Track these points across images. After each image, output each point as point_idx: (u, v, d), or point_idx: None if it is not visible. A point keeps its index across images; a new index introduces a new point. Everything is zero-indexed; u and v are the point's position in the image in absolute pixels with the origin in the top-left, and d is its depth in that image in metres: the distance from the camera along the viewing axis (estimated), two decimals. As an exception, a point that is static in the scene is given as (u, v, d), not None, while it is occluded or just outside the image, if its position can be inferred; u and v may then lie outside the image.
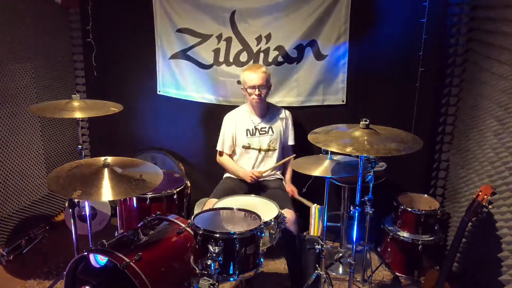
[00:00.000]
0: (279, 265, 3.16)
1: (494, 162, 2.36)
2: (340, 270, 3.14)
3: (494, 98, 2.48)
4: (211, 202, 2.83)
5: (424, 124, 3.22)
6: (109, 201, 3.56)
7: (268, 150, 3.05)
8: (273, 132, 3.05)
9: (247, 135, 3.04)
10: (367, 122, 2.16)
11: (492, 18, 2.65)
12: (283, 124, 3.09)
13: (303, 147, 3.08)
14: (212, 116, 3.48)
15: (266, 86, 2.94)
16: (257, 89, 2.89)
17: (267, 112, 3.08)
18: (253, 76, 2.89)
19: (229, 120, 3.11)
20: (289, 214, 2.69)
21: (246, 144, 3.04)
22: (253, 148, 3.05)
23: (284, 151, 3.13)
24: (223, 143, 3.12)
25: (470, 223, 2.34)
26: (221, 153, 3.16)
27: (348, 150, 2.03)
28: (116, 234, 2.80)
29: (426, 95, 3.17)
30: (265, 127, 3.05)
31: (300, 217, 2.91)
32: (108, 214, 3.62)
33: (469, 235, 2.58)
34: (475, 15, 2.94)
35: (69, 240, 2.48)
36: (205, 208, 2.79)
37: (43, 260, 3.13)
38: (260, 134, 3.04)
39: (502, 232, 2.15)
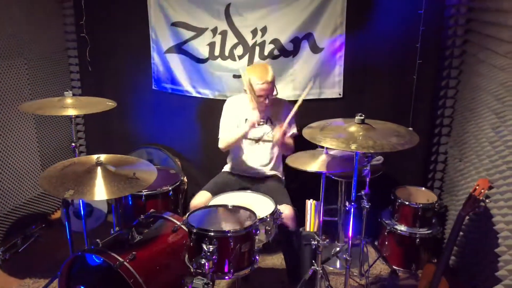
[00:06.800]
0: (276, 261, 3.15)
1: (492, 155, 2.34)
2: (338, 264, 3.13)
3: (492, 90, 2.45)
4: (202, 195, 2.81)
5: (422, 116, 3.20)
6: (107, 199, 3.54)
7: (264, 141, 3.00)
8: (271, 123, 3.00)
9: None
10: (362, 117, 2.13)
11: (490, 9, 2.61)
12: (280, 115, 3.01)
13: (298, 142, 3.05)
14: (208, 110, 3.45)
15: (273, 91, 2.86)
16: (267, 98, 2.81)
17: None
18: (263, 85, 2.76)
19: (229, 106, 3.04)
20: (287, 209, 2.67)
21: None
22: (249, 139, 2.99)
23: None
24: (224, 129, 3.00)
25: (467, 217, 2.32)
26: (221, 141, 3.01)
27: (354, 147, 1.99)
28: (111, 231, 2.78)
29: (424, 87, 3.14)
30: (263, 118, 2.97)
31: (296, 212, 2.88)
32: (105, 211, 3.61)
33: (467, 229, 2.57)
34: (473, 6, 2.90)
35: (66, 238, 2.47)
36: (195, 201, 2.80)
37: (39, 259, 3.12)
38: (258, 124, 2.98)
39: (499, 227, 2.13)
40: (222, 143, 2.99)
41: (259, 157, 3.01)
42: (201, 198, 2.79)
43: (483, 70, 2.63)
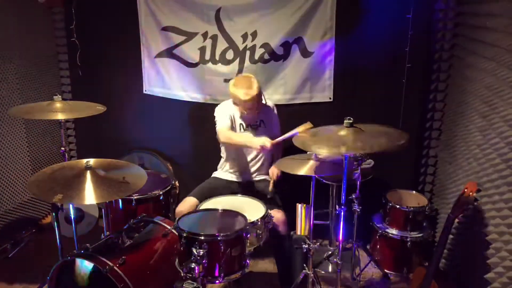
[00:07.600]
0: (268, 265, 3.14)
1: (479, 158, 2.36)
2: (330, 268, 3.13)
3: (479, 94, 2.47)
4: (188, 201, 2.80)
5: (411, 119, 3.22)
6: (97, 203, 3.52)
7: None
8: (265, 126, 2.99)
9: (240, 129, 2.98)
10: (350, 121, 2.15)
11: (477, 13, 2.64)
12: (270, 116, 3.04)
13: (288, 146, 3.05)
14: (199, 115, 3.45)
15: (261, 101, 2.86)
16: (255, 109, 2.83)
17: None
18: (250, 102, 2.76)
19: (223, 108, 3.00)
20: (278, 214, 2.67)
21: None
22: None
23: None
24: (223, 120, 2.89)
25: (457, 220, 2.34)
26: (222, 131, 2.88)
27: (343, 150, 2.01)
28: (102, 236, 2.77)
29: (413, 91, 3.17)
30: (257, 121, 2.99)
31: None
32: (96, 216, 3.58)
33: (456, 231, 2.58)
34: (460, 10, 2.93)
35: (56, 242, 2.45)
36: (181, 207, 2.79)
37: (29, 264, 3.09)
38: (251, 128, 2.97)
39: (487, 230, 2.15)
40: (223, 137, 2.87)
41: (250, 161, 3.01)
42: (186, 205, 2.78)
43: (471, 73, 2.66)
